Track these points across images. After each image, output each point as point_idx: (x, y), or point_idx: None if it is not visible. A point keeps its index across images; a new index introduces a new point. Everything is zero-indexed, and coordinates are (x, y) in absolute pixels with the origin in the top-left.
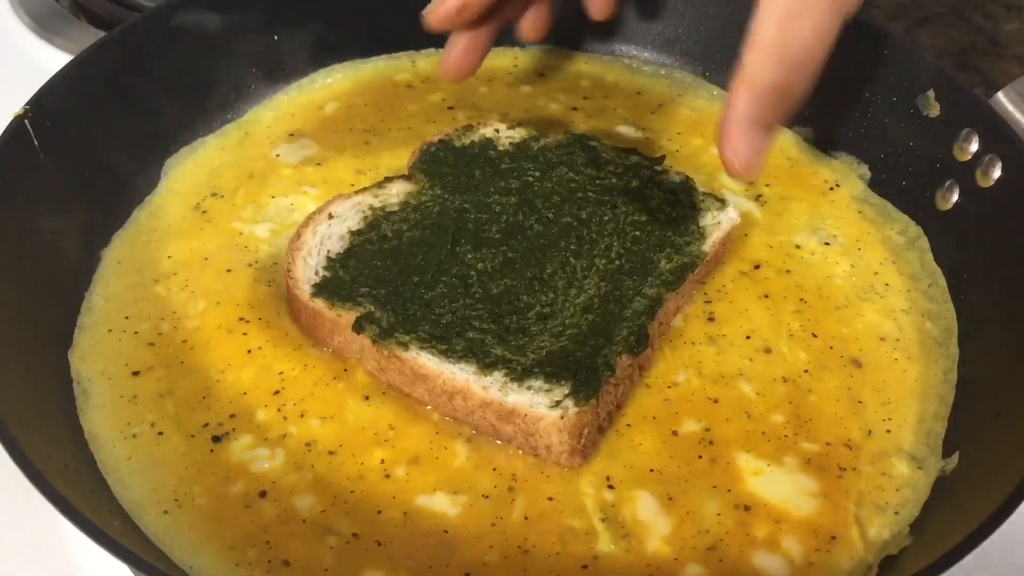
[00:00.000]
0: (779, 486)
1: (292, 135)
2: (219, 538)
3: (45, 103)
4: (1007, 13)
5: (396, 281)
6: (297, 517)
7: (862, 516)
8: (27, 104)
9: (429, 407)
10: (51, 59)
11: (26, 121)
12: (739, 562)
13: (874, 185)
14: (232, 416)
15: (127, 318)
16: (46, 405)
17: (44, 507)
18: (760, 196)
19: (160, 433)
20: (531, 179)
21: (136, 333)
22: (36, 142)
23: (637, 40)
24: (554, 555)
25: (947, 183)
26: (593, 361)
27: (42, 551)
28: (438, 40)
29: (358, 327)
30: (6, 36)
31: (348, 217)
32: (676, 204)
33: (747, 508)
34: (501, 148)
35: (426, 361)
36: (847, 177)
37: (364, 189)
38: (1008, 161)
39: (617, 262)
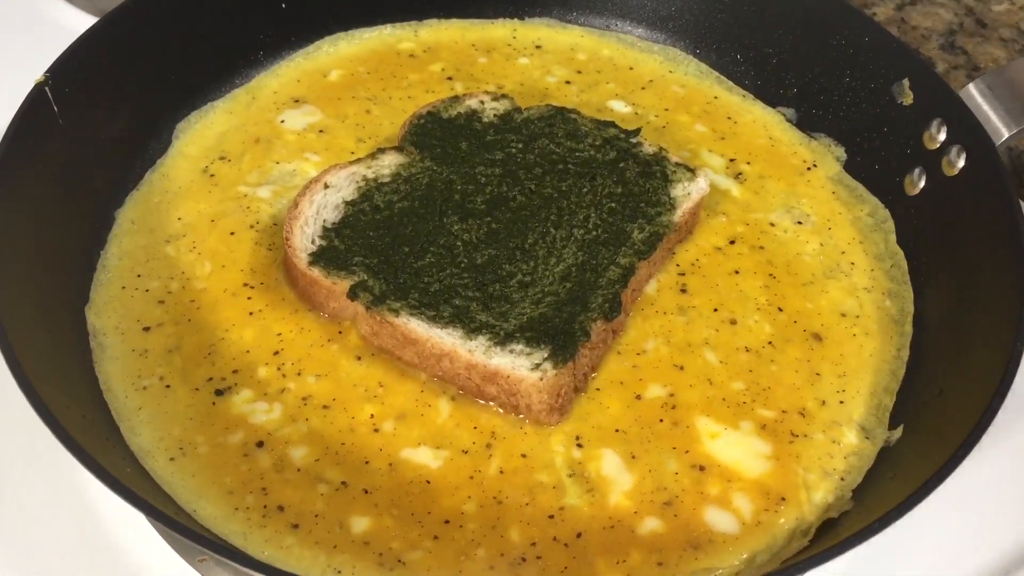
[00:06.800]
0: (734, 449)
1: (297, 101)
2: (219, 484)
3: (64, 70)
4: None
5: (388, 251)
6: (291, 466)
7: (810, 480)
8: (47, 71)
9: (418, 368)
10: (72, 19)
11: (46, 88)
12: (692, 517)
13: (849, 167)
14: (234, 372)
15: (139, 276)
16: (65, 358)
17: (65, 456)
18: (740, 174)
19: (168, 386)
20: (514, 151)
21: (147, 291)
22: (55, 107)
23: (633, 16)
24: (523, 505)
25: (916, 170)
26: (570, 327)
27: (62, 498)
28: (440, 9)
29: (352, 295)
30: None
31: (343, 187)
32: (649, 176)
33: (702, 468)
34: (486, 120)
35: (416, 327)
36: (824, 158)
37: (358, 160)
38: (972, 152)
39: (594, 232)
